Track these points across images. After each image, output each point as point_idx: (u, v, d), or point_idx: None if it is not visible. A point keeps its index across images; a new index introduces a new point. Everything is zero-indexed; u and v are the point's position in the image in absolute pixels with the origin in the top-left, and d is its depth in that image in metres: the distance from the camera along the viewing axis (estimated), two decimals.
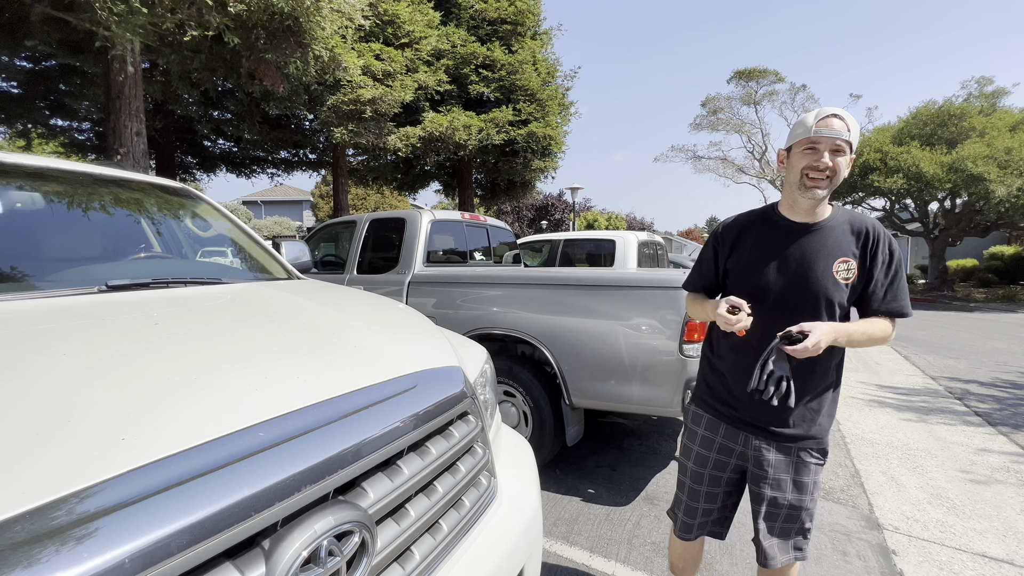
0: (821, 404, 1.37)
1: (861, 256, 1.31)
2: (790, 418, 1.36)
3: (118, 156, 6.11)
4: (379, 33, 9.58)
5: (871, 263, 1.30)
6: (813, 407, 1.36)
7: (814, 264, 1.31)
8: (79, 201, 1.78)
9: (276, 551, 0.66)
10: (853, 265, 1.30)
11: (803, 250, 1.33)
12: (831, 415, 1.39)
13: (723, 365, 1.47)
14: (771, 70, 22.99)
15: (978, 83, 15.55)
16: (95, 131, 10.87)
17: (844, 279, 1.30)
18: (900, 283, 1.32)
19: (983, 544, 2.31)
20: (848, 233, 1.32)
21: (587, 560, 2.14)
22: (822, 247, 1.32)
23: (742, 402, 1.41)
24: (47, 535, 0.50)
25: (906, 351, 7.04)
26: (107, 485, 0.57)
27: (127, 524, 0.55)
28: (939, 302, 14.56)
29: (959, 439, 3.65)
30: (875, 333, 1.31)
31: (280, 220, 29.81)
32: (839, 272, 1.30)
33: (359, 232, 3.95)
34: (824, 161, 1.25)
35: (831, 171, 1.26)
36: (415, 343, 1.25)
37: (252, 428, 0.72)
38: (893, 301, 1.31)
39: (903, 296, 1.32)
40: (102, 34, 5.00)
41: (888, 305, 1.31)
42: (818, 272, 1.30)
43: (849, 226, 1.33)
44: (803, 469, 1.37)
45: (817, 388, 1.36)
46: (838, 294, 1.30)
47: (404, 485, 0.89)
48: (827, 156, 1.26)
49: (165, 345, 0.91)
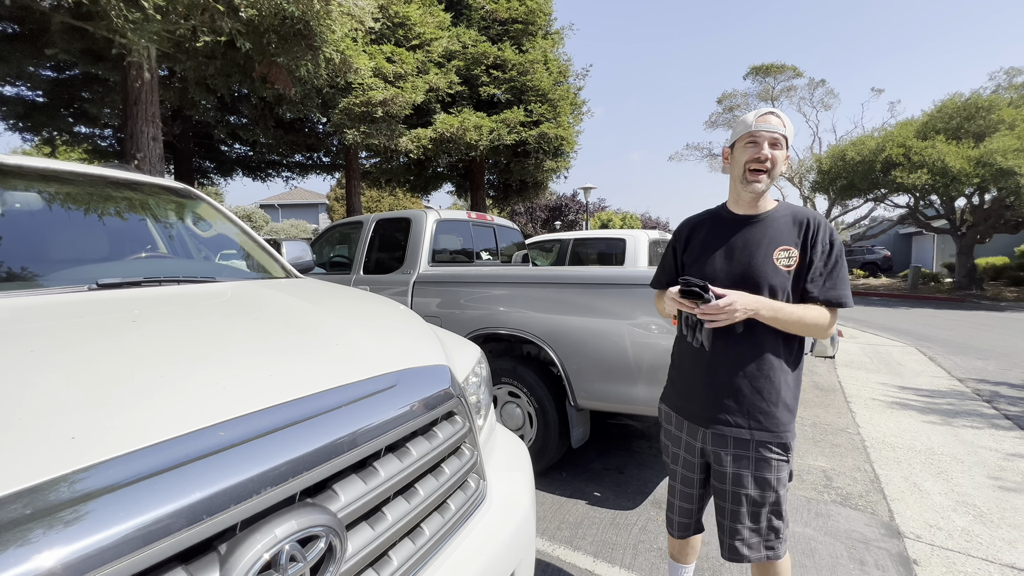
0: (772, 393, 1.35)
1: (802, 245, 1.35)
2: (741, 410, 1.36)
3: (135, 161, 6.24)
4: (390, 35, 9.65)
5: (811, 251, 1.34)
6: (763, 396, 1.35)
7: (756, 252, 1.37)
8: (79, 202, 1.79)
9: (233, 556, 0.63)
10: (794, 253, 1.35)
11: (746, 239, 1.40)
12: (790, 408, 1.37)
13: (680, 359, 1.54)
14: (789, 65, 22.52)
15: (1007, 74, 14.97)
16: (117, 137, 11.16)
17: (785, 266, 1.35)
18: (839, 273, 1.34)
19: (1012, 555, 2.18)
20: (790, 224, 1.38)
21: (591, 565, 2.09)
22: (764, 236, 1.38)
23: (695, 395, 1.45)
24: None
25: (931, 352, 6.79)
26: (46, 486, 0.54)
27: (65, 528, 0.52)
28: (967, 301, 14.05)
29: (987, 443, 3.48)
30: (808, 318, 1.31)
31: (296, 223, 30.27)
32: (780, 260, 1.35)
33: (365, 232, 3.96)
34: (764, 153, 1.34)
35: (771, 163, 1.35)
36: (401, 342, 1.22)
37: (212, 427, 0.69)
38: (831, 290, 1.33)
39: (842, 286, 1.34)
40: (119, 41, 5.11)
41: (826, 293, 1.33)
42: (759, 259, 1.36)
43: (791, 217, 1.39)
44: (763, 465, 1.36)
45: (759, 373, 1.35)
46: (779, 280, 1.34)
47: (380, 488, 0.85)
48: (767, 148, 1.34)
49: (138, 342, 0.89)
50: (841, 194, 16.68)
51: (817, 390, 4.86)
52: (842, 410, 4.24)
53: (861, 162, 14.76)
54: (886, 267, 24.35)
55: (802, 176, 21.62)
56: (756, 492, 1.37)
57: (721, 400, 1.39)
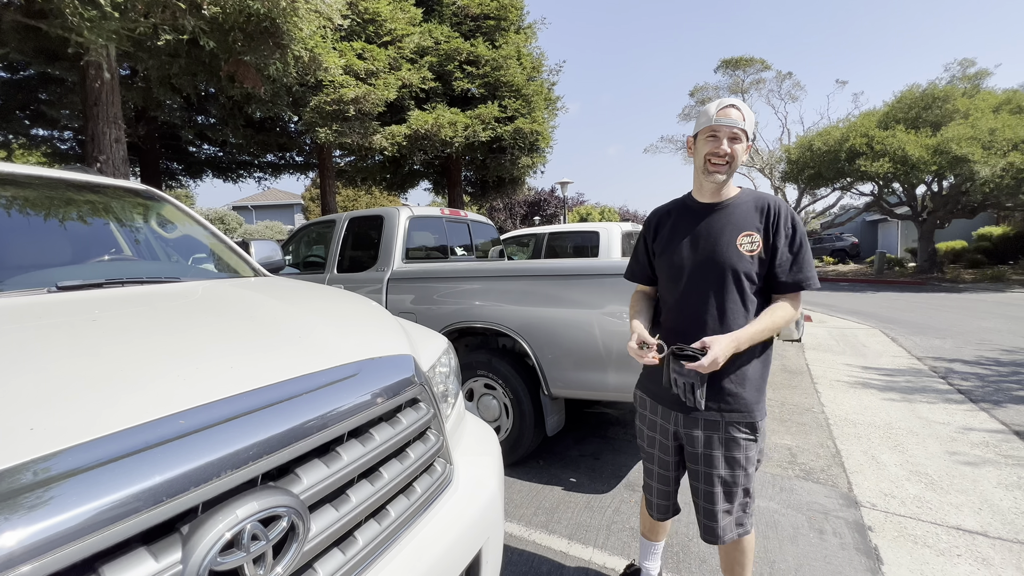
0: (742, 379, 1.41)
1: (764, 230, 1.39)
2: (711, 392, 1.40)
3: (98, 164, 6.05)
4: (360, 31, 9.53)
5: (774, 237, 1.38)
6: (731, 379, 1.40)
7: (720, 238, 1.41)
8: (38, 206, 1.76)
9: (195, 535, 0.66)
10: (757, 239, 1.39)
11: (710, 226, 1.44)
12: (758, 389, 1.43)
13: None
14: (757, 59, 22.99)
15: (961, 65, 15.64)
16: (77, 139, 10.77)
17: (748, 251, 1.38)
18: (804, 256, 1.39)
19: (958, 518, 2.33)
20: (752, 210, 1.42)
21: (566, 547, 2.16)
22: (727, 223, 1.42)
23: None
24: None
25: (894, 333, 7.09)
26: (7, 474, 0.57)
27: (28, 512, 0.55)
28: (929, 284, 14.66)
29: (941, 417, 3.68)
30: (779, 321, 1.37)
31: (271, 224, 29.66)
32: (743, 245, 1.39)
33: (338, 231, 3.94)
34: (723, 148, 1.38)
35: (730, 157, 1.39)
36: (365, 333, 1.25)
37: (172, 416, 0.72)
38: (799, 273, 1.38)
39: (808, 268, 1.39)
40: (75, 40, 4.94)
41: (794, 277, 1.38)
42: (723, 245, 1.40)
43: (753, 203, 1.43)
44: (733, 445, 1.41)
45: (732, 364, 1.39)
46: (743, 265, 1.38)
47: (342, 471, 0.89)
48: (726, 143, 1.38)
49: (98, 339, 0.90)
50: (810, 183, 17.19)
51: (785, 372, 5.05)
52: (808, 391, 4.41)
53: (827, 152, 15.23)
54: (854, 253, 25.21)
55: (772, 166, 22.16)
56: (727, 472, 1.42)
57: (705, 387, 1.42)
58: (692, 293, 1.43)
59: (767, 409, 1.53)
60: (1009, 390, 4.27)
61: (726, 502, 1.44)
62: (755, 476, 1.47)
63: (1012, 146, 12.58)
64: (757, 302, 1.41)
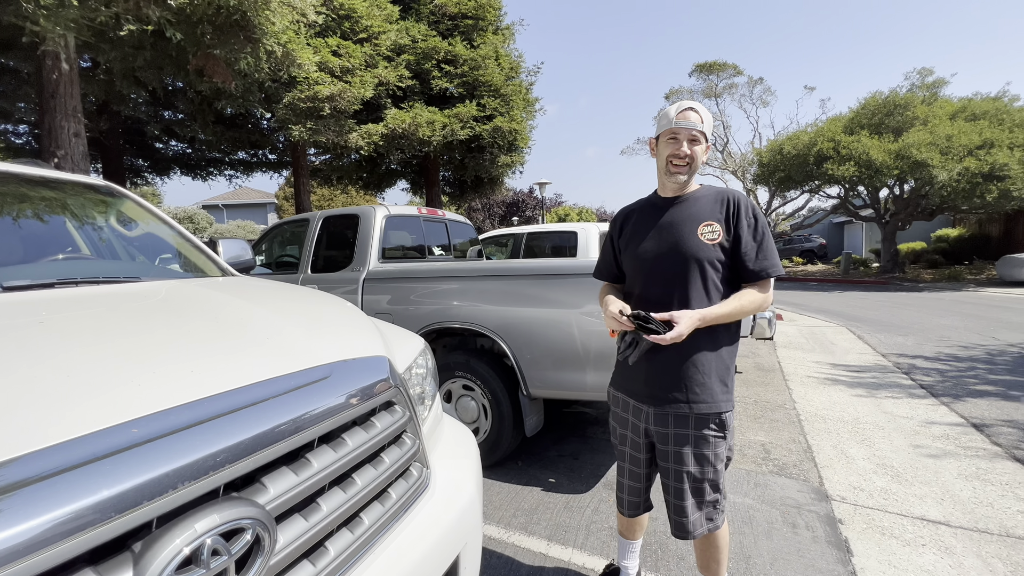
0: (706, 367, 1.44)
1: (726, 220, 1.44)
2: (678, 385, 1.44)
3: (55, 159, 5.76)
4: (335, 27, 9.35)
5: (736, 226, 1.43)
6: (698, 370, 1.44)
7: (682, 228, 1.46)
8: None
9: (147, 553, 0.61)
10: (717, 228, 1.43)
11: (672, 218, 1.50)
12: (723, 380, 1.45)
13: None
14: (730, 63, 23.52)
15: (920, 74, 16.28)
16: (34, 134, 10.25)
17: (710, 240, 1.43)
18: (767, 244, 1.44)
19: (923, 508, 2.42)
20: (713, 202, 1.48)
21: (545, 549, 2.14)
22: (688, 214, 1.48)
23: (639, 375, 1.52)
24: None
25: (860, 331, 7.34)
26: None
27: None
28: (891, 284, 15.26)
29: (905, 412, 3.82)
30: (746, 305, 1.41)
31: (243, 224, 28.82)
32: (704, 234, 1.43)
33: (312, 230, 3.85)
34: (683, 150, 1.44)
35: (690, 158, 1.45)
36: (337, 335, 1.20)
37: (124, 424, 0.67)
38: (764, 260, 1.43)
39: (771, 256, 1.44)
40: (30, 29, 4.69)
41: (760, 264, 1.43)
42: (685, 235, 1.45)
43: (714, 196, 1.49)
44: (702, 442, 1.44)
45: (694, 350, 1.43)
46: (704, 253, 1.42)
47: (312, 479, 0.85)
48: (685, 145, 1.44)
49: (44, 343, 0.84)
50: (780, 185, 17.68)
51: (758, 370, 5.16)
52: (780, 388, 4.52)
53: (796, 155, 15.70)
54: (822, 254, 26.08)
55: (744, 169, 22.72)
56: (696, 469, 1.45)
57: (661, 377, 1.47)
58: (656, 283, 1.48)
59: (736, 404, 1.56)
60: (967, 384, 4.46)
61: (695, 498, 1.47)
62: (726, 473, 1.50)
63: (967, 152, 13.20)
64: (723, 291, 1.45)
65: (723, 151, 24.98)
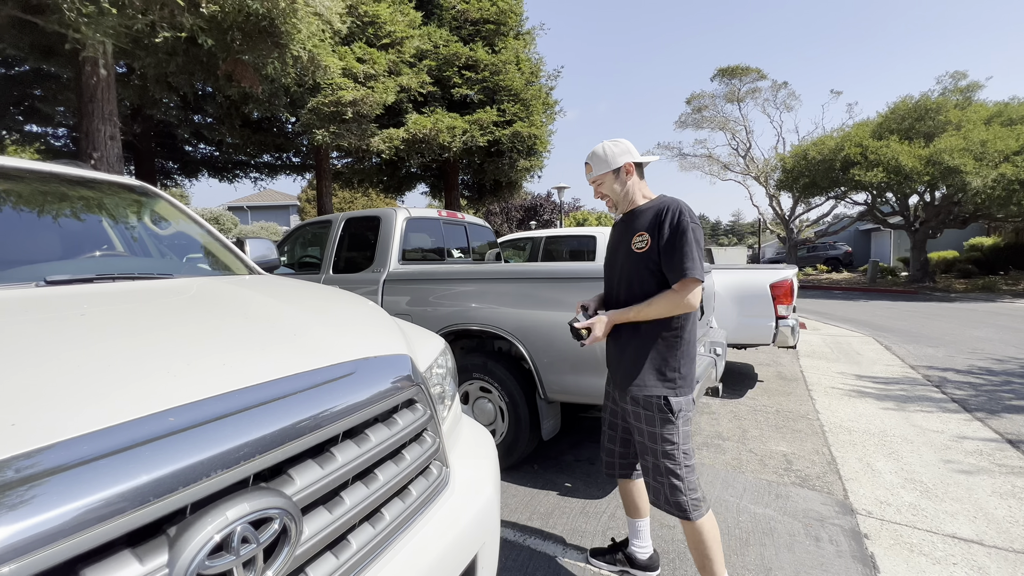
0: (635, 359, 1.66)
1: (657, 229, 1.60)
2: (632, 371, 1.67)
3: (92, 161, 6.00)
4: (360, 33, 9.53)
5: (659, 235, 1.59)
6: (633, 362, 1.66)
7: (623, 241, 1.71)
8: (29, 200, 1.73)
9: (182, 538, 0.64)
10: (646, 237, 1.62)
11: (619, 233, 1.77)
12: (659, 371, 1.64)
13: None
14: (753, 68, 23.21)
15: (953, 78, 15.82)
16: (72, 136, 10.69)
17: (639, 249, 1.63)
18: (680, 249, 1.56)
19: (953, 526, 2.33)
20: (651, 215, 1.64)
21: (561, 552, 2.13)
22: (629, 228, 1.70)
23: (612, 365, 1.79)
24: None
25: (887, 341, 7.13)
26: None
27: (8, 511, 0.52)
28: (921, 293, 14.78)
29: (935, 426, 3.69)
30: (656, 307, 1.59)
31: (267, 225, 29.48)
32: (635, 244, 1.65)
33: (334, 231, 3.91)
34: (597, 198, 1.79)
35: (607, 199, 1.77)
36: (361, 333, 1.23)
37: (161, 413, 0.70)
38: (669, 263, 1.58)
39: (681, 261, 1.56)
40: (72, 36, 4.91)
41: (668, 268, 1.59)
42: (624, 245, 1.70)
43: (655, 209, 1.65)
44: (650, 419, 1.64)
45: (637, 343, 1.66)
46: (633, 261, 1.65)
47: (336, 473, 0.86)
48: (596, 195, 1.78)
49: (85, 334, 0.88)
50: (804, 192, 17.31)
51: (780, 379, 5.05)
52: (803, 398, 4.41)
53: (822, 161, 15.36)
54: (847, 262, 25.42)
55: (767, 175, 22.31)
56: (649, 441, 1.65)
57: (614, 366, 1.76)
58: (610, 285, 1.80)
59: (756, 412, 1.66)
60: (1002, 399, 4.29)
61: (653, 471, 1.66)
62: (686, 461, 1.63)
63: (1003, 158, 12.74)
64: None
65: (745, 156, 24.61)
